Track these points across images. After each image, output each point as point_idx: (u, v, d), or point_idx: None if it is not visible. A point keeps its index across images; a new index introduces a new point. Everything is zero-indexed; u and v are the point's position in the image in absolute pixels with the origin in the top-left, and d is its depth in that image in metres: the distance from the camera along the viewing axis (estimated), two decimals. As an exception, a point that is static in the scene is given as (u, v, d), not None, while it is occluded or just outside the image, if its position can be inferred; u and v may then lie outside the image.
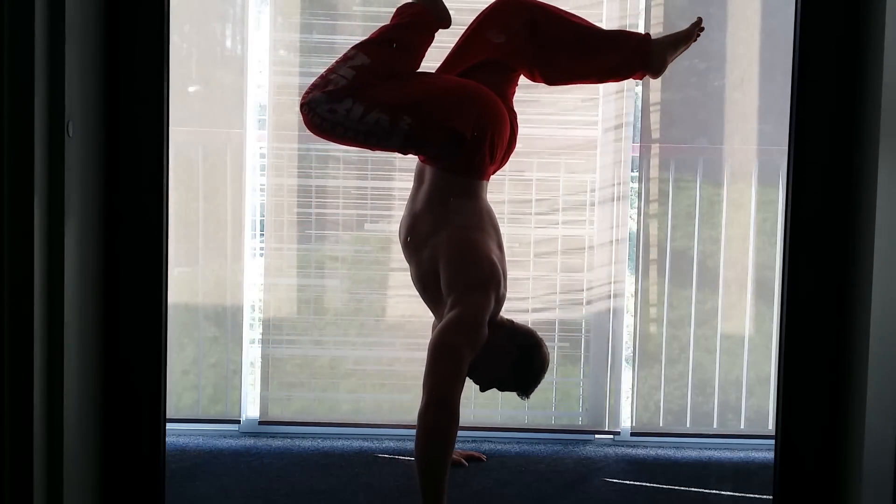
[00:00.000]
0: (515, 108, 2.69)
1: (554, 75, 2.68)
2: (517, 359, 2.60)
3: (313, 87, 2.47)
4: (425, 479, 2.30)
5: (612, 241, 3.38)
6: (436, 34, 2.60)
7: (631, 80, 2.89)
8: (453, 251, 2.51)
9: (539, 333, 2.66)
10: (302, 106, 2.47)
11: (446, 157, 2.54)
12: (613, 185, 3.36)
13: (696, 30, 2.64)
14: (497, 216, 2.70)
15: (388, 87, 2.47)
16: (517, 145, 2.72)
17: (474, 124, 2.49)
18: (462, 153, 2.51)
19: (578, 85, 3.00)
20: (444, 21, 2.58)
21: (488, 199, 2.66)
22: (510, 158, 2.73)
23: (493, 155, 2.57)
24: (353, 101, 2.42)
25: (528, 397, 2.67)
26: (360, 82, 2.44)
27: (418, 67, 2.59)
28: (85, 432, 1.84)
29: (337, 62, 2.50)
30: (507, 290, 2.63)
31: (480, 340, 2.44)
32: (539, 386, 2.65)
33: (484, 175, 2.60)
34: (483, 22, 2.62)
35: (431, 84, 2.56)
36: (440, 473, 2.30)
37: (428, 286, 2.58)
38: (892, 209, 1.80)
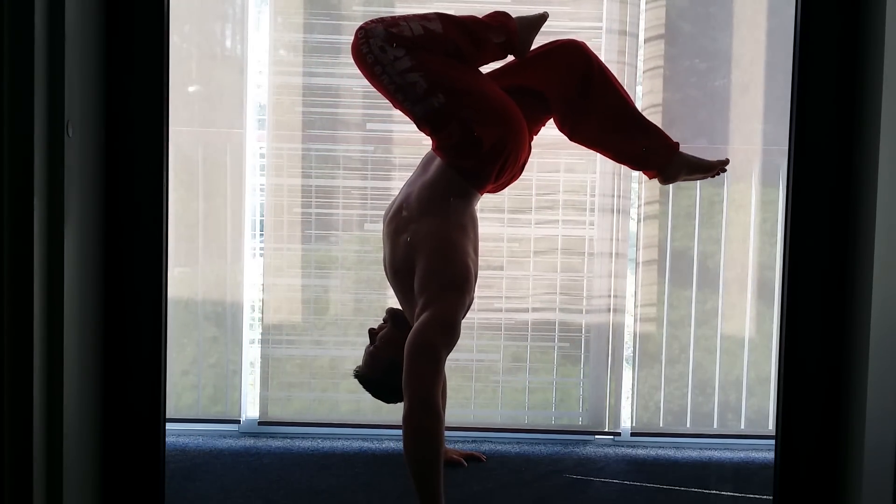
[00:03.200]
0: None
1: (580, 132, 2.68)
2: (388, 368, 2.60)
3: (380, 20, 2.49)
4: (420, 481, 2.31)
5: (612, 241, 3.38)
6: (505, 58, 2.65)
7: (631, 85, 2.89)
8: (433, 246, 2.52)
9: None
10: (359, 29, 2.48)
11: (455, 155, 2.55)
12: (613, 185, 3.36)
13: (718, 167, 2.68)
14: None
15: (442, 62, 2.50)
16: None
17: (497, 140, 2.51)
18: (473, 158, 2.53)
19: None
20: (521, 53, 2.62)
21: (487, 200, 2.66)
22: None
23: (500, 176, 2.61)
24: (406, 54, 2.45)
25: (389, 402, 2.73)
26: (422, 44, 2.47)
27: (476, 67, 2.62)
28: (85, 433, 1.84)
29: (414, 15, 2.52)
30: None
31: (455, 339, 2.46)
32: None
33: (482, 188, 2.63)
34: (545, 53, 2.65)
35: (481, 83, 2.58)
36: (434, 473, 2.31)
37: (399, 272, 2.60)
38: (892, 209, 1.80)
